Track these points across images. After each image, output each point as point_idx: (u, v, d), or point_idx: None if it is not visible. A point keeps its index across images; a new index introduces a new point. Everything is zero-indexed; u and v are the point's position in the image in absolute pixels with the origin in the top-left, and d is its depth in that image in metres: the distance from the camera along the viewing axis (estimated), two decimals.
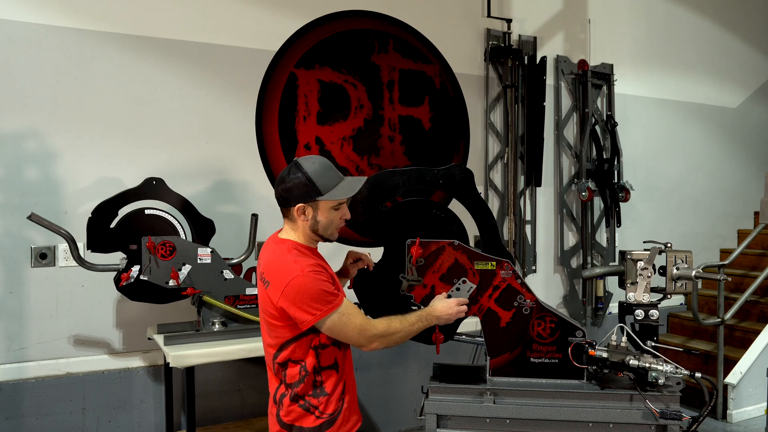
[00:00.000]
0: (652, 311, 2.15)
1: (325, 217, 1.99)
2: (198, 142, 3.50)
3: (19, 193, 3.09)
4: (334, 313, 1.91)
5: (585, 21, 4.94)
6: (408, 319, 2.06)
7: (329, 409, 2.02)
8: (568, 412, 2.05)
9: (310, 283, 1.89)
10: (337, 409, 2.04)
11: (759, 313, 4.98)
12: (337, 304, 1.92)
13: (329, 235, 2.05)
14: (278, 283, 1.92)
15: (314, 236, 2.04)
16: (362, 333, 1.97)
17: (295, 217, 1.99)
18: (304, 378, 1.99)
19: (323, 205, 1.98)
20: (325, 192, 1.95)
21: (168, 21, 3.42)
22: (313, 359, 1.99)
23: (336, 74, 3.90)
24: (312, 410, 2.01)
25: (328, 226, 2.02)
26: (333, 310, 1.91)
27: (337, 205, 2.01)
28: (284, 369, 2.01)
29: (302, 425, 2.01)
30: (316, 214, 1.98)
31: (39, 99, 3.12)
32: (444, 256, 2.16)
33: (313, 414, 2.01)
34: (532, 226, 4.64)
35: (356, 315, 1.97)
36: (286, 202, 1.99)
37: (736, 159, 5.93)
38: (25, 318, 3.11)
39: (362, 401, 4.01)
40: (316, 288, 1.89)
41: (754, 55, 6.05)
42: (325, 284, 1.92)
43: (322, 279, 1.92)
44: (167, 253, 2.87)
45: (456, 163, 2.25)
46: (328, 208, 1.99)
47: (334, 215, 2.01)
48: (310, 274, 1.90)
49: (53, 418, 3.14)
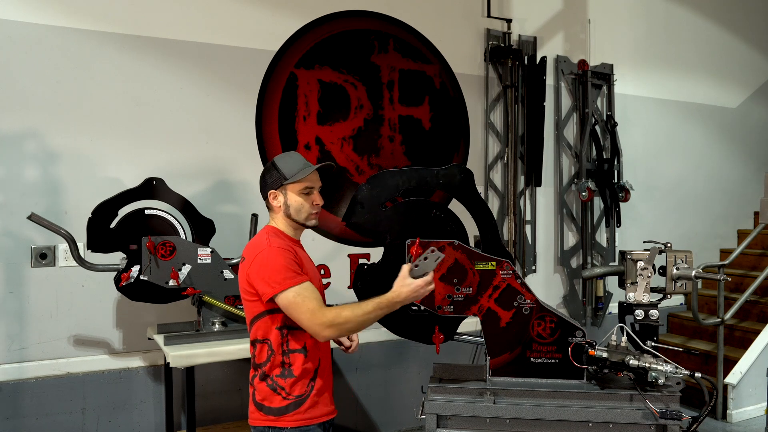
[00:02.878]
0: (652, 311, 2.15)
1: (294, 200, 2.14)
2: (198, 142, 3.50)
3: (19, 193, 3.09)
4: (289, 290, 1.96)
5: (585, 21, 4.94)
6: (363, 307, 1.98)
7: (295, 391, 2.07)
8: (568, 412, 2.05)
9: (274, 257, 2.01)
10: (305, 393, 2.07)
11: (759, 313, 4.98)
12: (295, 282, 1.98)
13: (304, 219, 2.16)
14: (249, 256, 2.07)
15: (291, 222, 2.17)
16: (313, 318, 1.94)
17: (272, 206, 2.17)
18: (270, 357, 2.07)
19: (290, 188, 2.13)
20: (290, 176, 2.12)
21: (168, 21, 3.42)
22: (278, 338, 2.05)
23: (336, 74, 3.90)
24: (279, 390, 2.07)
25: (299, 210, 2.14)
26: (290, 286, 1.97)
27: (305, 189, 2.14)
28: (254, 348, 2.11)
29: (270, 405, 2.08)
30: (287, 198, 2.14)
31: (39, 99, 3.12)
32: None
33: (280, 395, 2.06)
34: (532, 226, 4.64)
35: (312, 299, 1.97)
36: (264, 194, 2.19)
37: (736, 159, 5.93)
38: (25, 318, 3.11)
39: (362, 401, 4.01)
40: (278, 262, 2.00)
41: (754, 55, 6.05)
42: (289, 261, 2.01)
43: (287, 256, 2.02)
44: (167, 253, 2.87)
45: (456, 163, 2.24)
46: (296, 192, 2.14)
47: (303, 199, 2.14)
48: (276, 249, 2.03)
49: (53, 418, 3.14)
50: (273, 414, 2.07)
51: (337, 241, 3.92)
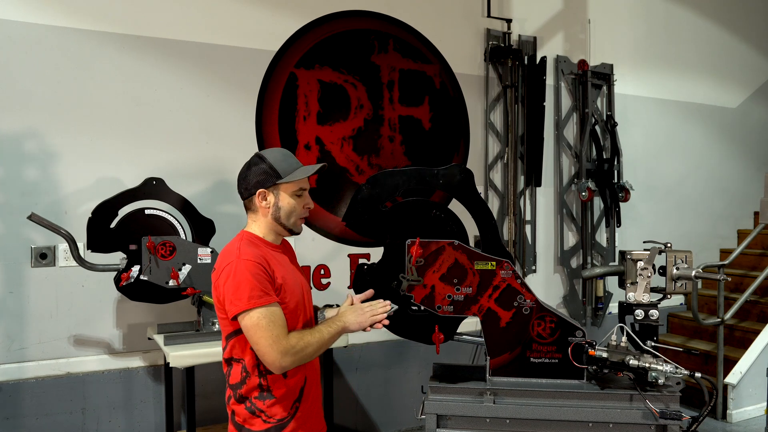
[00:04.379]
0: (652, 311, 2.15)
1: (286, 202, 1.97)
2: (198, 142, 3.50)
3: (19, 193, 3.09)
4: (254, 311, 1.80)
5: (585, 21, 4.94)
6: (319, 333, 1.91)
7: (277, 414, 1.93)
8: (568, 412, 2.05)
9: (241, 271, 1.82)
10: (288, 415, 1.94)
11: (759, 313, 4.98)
12: (261, 302, 1.81)
13: (292, 224, 2.00)
14: (219, 267, 1.90)
15: (277, 227, 2.00)
16: (275, 344, 1.79)
17: (257, 206, 1.98)
18: (245, 379, 1.93)
19: (283, 189, 1.96)
20: (285, 175, 1.95)
21: (168, 21, 3.42)
22: (254, 359, 1.90)
23: (336, 74, 3.90)
24: (258, 413, 1.93)
25: (290, 213, 1.98)
26: (253, 306, 1.80)
27: (299, 191, 1.98)
28: (229, 367, 1.97)
29: (251, 428, 1.94)
30: (278, 200, 1.96)
31: (39, 99, 3.12)
32: (444, 256, 2.16)
33: (260, 417, 1.93)
34: (532, 226, 4.64)
35: (278, 326, 1.82)
36: (248, 192, 1.98)
37: (736, 159, 5.93)
38: (25, 318, 3.11)
39: (362, 401, 4.01)
40: (246, 278, 1.81)
41: (754, 55, 6.05)
42: (259, 278, 1.83)
43: (256, 272, 1.83)
44: (167, 253, 2.87)
45: (456, 163, 2.24)
46: (289, 193, 1.97)
47: (295, 201, 1.98)
48: (246, 262, 1.84)
49: (53, 418, 3.14)
50: None
51: (337, 241, 3.91)
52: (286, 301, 1.93)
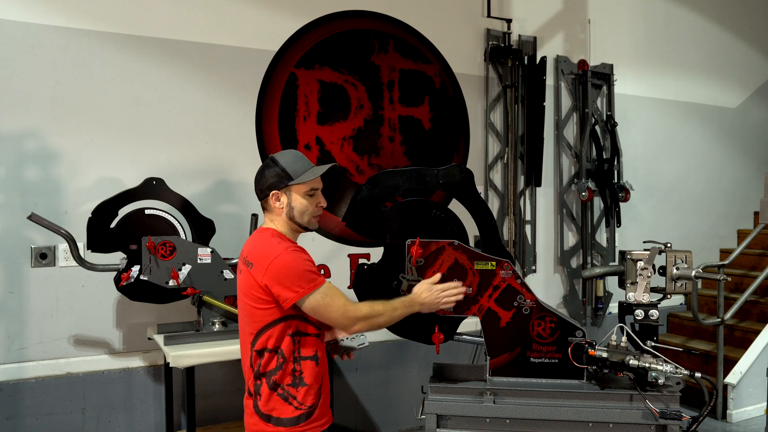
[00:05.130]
0: (652, 311, 2.15)
1: (298, 202, 2.07)
2: (198, 142, 3.50)
3: (19, 193, 3.09)
4: (316, 292, 1.95)
5: (585, 21, 4.94)
6: (392, 303, 2.07)
7: (308, 401, 2.03)
8: (568, 412, 2.05)
9: (293, 261, 1.96)
10: (315, 402, 2.05)
11: (759, 313, 4.98)
12: (319, 283, 1.97)
13: (306, 222, 2.10)
14: (262, 262, 1.98)
15: (293, 225, 2.10)
16: (345, 314, 1.98)
17: (272, 207, 2.08)
18: (281, 365, 2.01)
19: (295, 189, 2.06)
20: (296, 177, 2.04)
21: (168, 21, 3.42)
22: (290, 346, 2.01)
23: (336, 74, 3.90)
24: (291, 400, 2.02)
25: (303, 212, 2.08)
26: (315, 288, 1.95)
27: (310, 191, 2.08)
28: (261, 358, 2.03)
29: (280, 416, 2.01)
30: (290, 200, 2.07)
31: (39, 99, 3.12)
32: (444, 256, 2.16)
33: (292, 404, 2.01)
34: (532, 226, 4.65)
35: (339, 296, 2.00)
36: (263, 194, 2.09)
37: (735, 159, 5.93)
38: (25, 318, 3.11)
39: (362, 401, 4.01)
40: (300, 266, 1.96)
41: (754, 55, 6.05)
42: (308, 263, 1.98)
43: (304, 258, 1.99)
44: (167, 253, 2.87)
45: (456, 163, 2.25)
46: (301, 194, 2.07)
47: (307, 201, 2.08)
48: (293, 253, 1.98)
49: (53, 418, 3.14)
50: (283, 425, 2.00)
51: (337, 241, 3.92)
52: None
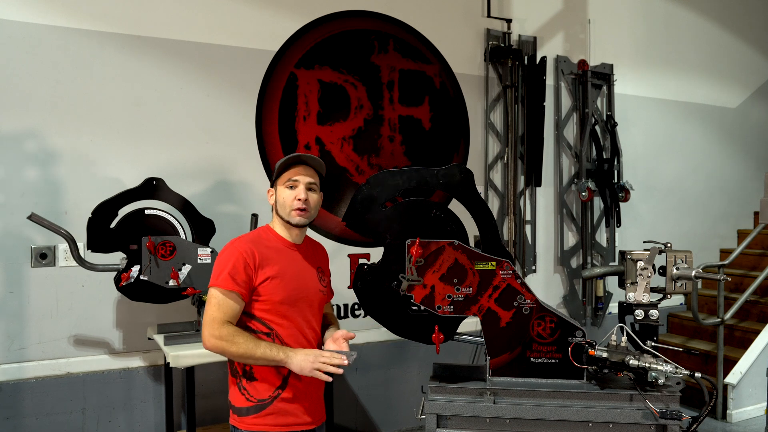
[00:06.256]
0: (652, 311, 2.15)
1: (280, 196, 2.11)
2: (198, 142, 3.50)
3: (19, 193, 3.09)
4: (214, 289, 1.97)
5: (585, 21, 4.94)
6: (261, 343, 1.94)
7: (257, 395, 2.03)
8: (568, 412, 2.05)
9: (222, 253, 2.03)
10: (269, 398, 2.03)
11: (759, 313, 4.98)
12: (217, 284, 1.96)
13: (287, 215, 2.10)
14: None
15: (281, 220, 2.13)
16: (208, 324, 1.93)
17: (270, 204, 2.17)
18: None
19: (279, 183, 2.12)
20: (276, 170, 2.11)
21: (168, 21, 3.42)
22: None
23: (336, 74, 3.90)
24: (242, 391, 2.05)
25: (283, 205, 2.10)
26: (216, 285, 1.96)
27: (288, 182, 2.09)
28: None
29: (234, 404, 2.08)
30: (277, 195, 2.13)
31: (39, 99, 3.12)
32: (444, 256, 2.16)
33: (243, 395, 2.05)
34: (532, 226, 4.65)
35: (218, 307, 1.94)
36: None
37: (735, 159, 5.93)
38: (25, 318, 3.11)
39: (362, 401, 4.01)
40: (221, 260, 2.01)
41: (754, 55, 6.05)
42: (229, 261, 1.98)
43: (234, 257, 1.99)
44: (167, 253, 2.87)
45: (456, 163, 2.24)
46: (281, 187, 2.11)
47: (286, 194, 2.09)
48: (230, 248, 2.03)
49: (53, 418, 3.14)
50: (236, 413, 2.06)
51: (337, 241, 3.92)
52: (267, 294, 2.03)
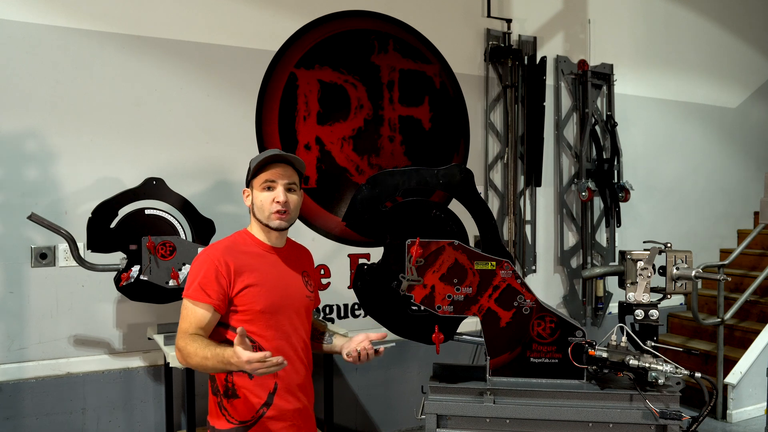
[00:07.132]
0: (652, 311, 2.14)
1: (257, 198, 1.98)
2: (198, 142, 3.50)
3: (19, 193, 3.09)
4: (187, 300, 1.88)
5: (585, 21, 4.94)
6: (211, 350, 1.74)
7: (240, 416, 1.89)
8: (568, 412, 2.05)
9: (195, 261, 1.94)
10: (253, 418, 1.90)
11: (759, 313, 4.98)
12: (193, 297, 1.86)
13: (266, 219, 1.97)
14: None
15: (259, 224, 2.01)
16: (178, 336, 1.85)
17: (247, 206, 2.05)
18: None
19: (255, 184, 1.98)
20: (252, 170, 1.99)
21: (168, 21, 3.42)
22: None
23: (336, 74, 3.90)
24: (223, 411, 1.91)
25: (260, 208, 1.97)
26: (186, 297, 1.88)
27: (264, 183, 1.95)
28: None
29: (214, 425, 1.92)
30: (253, 196, 2.00)
31: (39, 99, 3.12)
32: (444, 256, 2.15)
33: (224, 416, 1.90)
34: (532, 226, 4.64)
35: (189, 321, 1.84)
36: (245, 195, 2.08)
37: (735, 159, 5.93)
38: (25, 318, 3.11)
39: (362, 401, 4.01)
40: (194, 269, 1.91)
41: (754, 55, 6.05)
42: (203, 272, 1.88)
43: (205, 266, 1.89)
44: (167, 253, 2.87)
45: (456, 163, 2.24)
46: (257, 188, 1.97)
47: (264, 196, 1.96)
48: (203, 256, 1.93)
49: (53, 418, 3.14)
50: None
51: (337, 241, 3.91)
52: (247, 304, 1.91)
